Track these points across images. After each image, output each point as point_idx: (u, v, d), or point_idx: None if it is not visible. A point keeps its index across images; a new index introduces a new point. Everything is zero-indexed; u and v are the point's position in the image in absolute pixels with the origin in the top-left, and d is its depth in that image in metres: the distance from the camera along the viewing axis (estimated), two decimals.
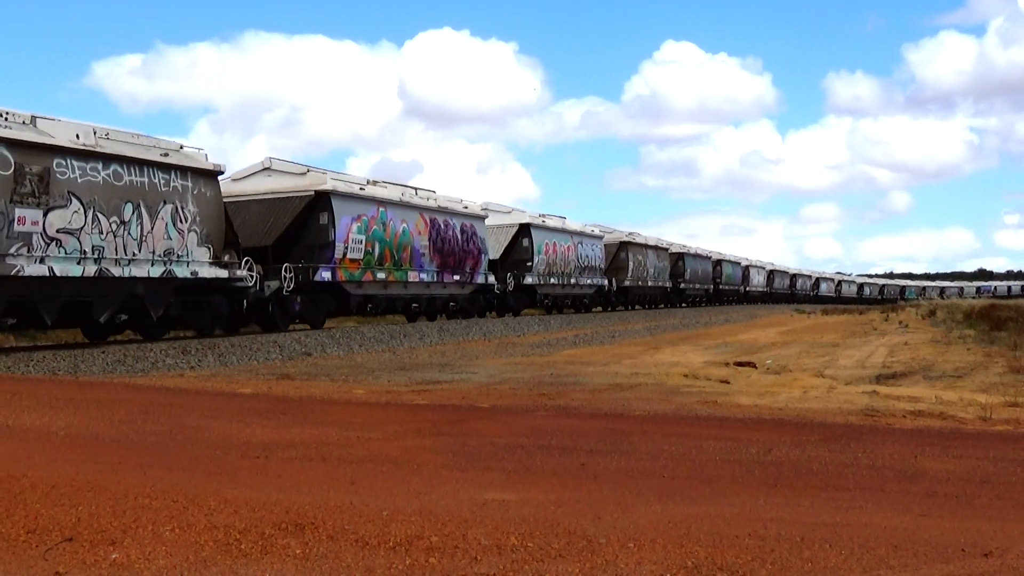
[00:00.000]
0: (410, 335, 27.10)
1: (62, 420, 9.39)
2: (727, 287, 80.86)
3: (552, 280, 45.59)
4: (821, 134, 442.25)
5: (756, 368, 19.00)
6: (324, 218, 29.10)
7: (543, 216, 45.93)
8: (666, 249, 64.77)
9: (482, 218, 39.74)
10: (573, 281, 48.30)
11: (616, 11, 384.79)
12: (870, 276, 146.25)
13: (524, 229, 43.38)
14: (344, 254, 29.67)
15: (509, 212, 43.72)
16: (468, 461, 8.03)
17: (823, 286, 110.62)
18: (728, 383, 15.69)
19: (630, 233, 58.32)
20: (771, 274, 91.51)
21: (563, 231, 47.46)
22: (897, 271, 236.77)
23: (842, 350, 25.25)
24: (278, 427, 9.76)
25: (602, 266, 52.95)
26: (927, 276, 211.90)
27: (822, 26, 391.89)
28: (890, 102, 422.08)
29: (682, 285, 67.25)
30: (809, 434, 10.04)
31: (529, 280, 43.11)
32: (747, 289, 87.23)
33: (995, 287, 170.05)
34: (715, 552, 5.06)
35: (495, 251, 41.77)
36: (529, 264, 43.17)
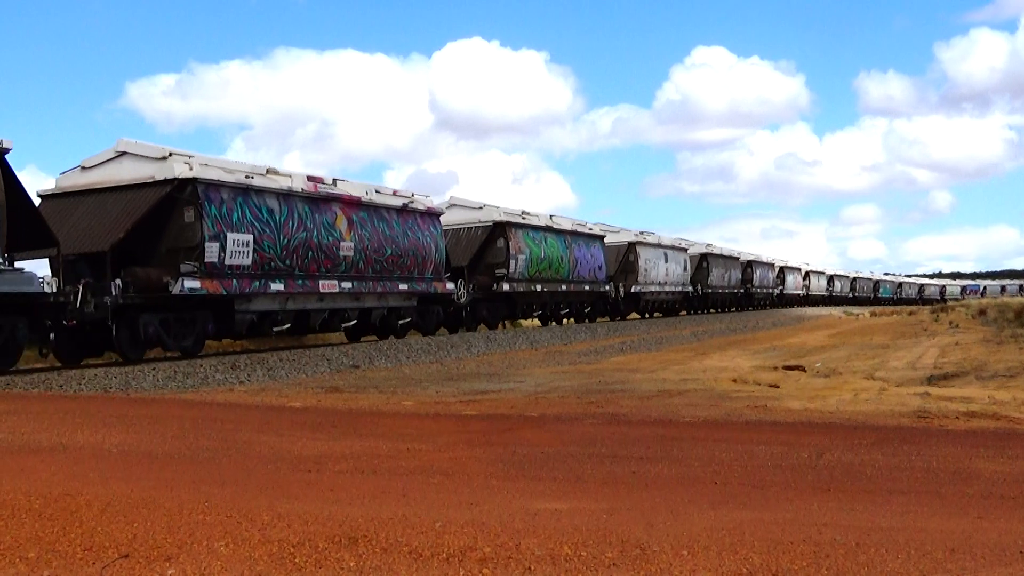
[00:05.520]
0: (457, 346, 27.14)
1: (115, 437, 9.49)
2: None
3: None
4: (857, 135, 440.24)
5: (805, 371, 18.87)
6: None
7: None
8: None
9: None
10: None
11: (646, 18, 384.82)
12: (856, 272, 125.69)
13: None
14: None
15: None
16: (519, 471, 8.02)
17: (789, 279, 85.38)
18: (777, 387, 15.59)
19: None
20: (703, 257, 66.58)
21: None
22: (944, 271, 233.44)
23: (892, 352, 25.02)
24: (328, 440, 9.80)
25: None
26: (939, 275, 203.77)
27: (851, 26, 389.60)
28: (924, 101, 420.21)
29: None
30: (861, 437, 9.95)
31: (505, 287, 36.05)
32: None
33: (984, 287, 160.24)
34: (770, 558, 5.02)
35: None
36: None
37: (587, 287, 43.82)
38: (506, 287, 36.11)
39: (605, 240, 46.85)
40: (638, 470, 8.08)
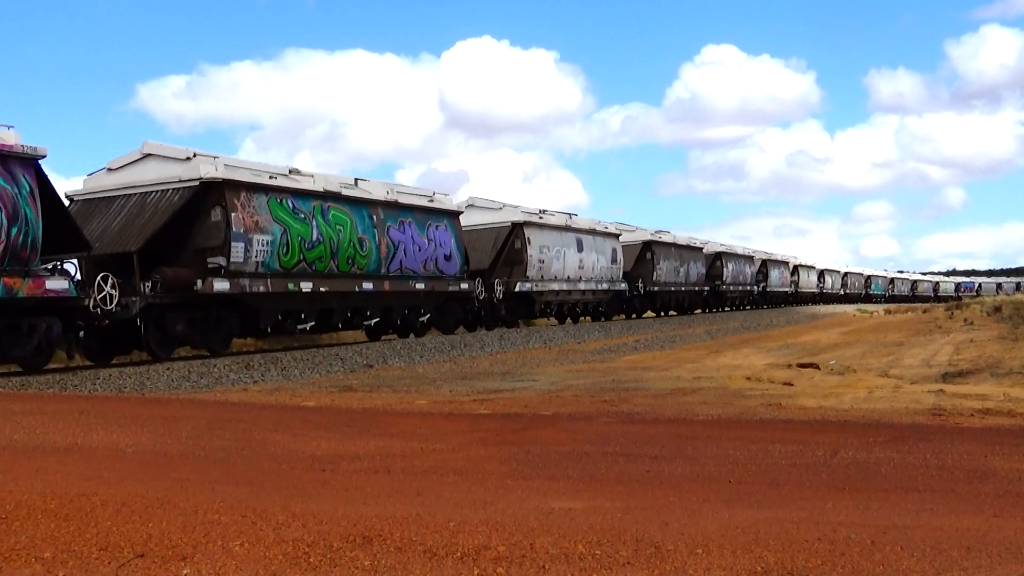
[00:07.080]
0: (471, 344, 27.13)
1: (130, 437, 9.50)
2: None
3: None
4: (868, 132, 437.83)
5: (819, 369, 18.82)
6: None
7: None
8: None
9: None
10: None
11: (655, 17, 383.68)
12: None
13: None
14: None
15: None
16: (533, 470, 8.02)
17: (773, 275, 73.02)
18: (792, 385, 15.55)
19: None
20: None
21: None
22: (959, 268, 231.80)
23: (907, 349, 24.94)
24: (342, 440, 9.81)
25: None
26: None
27: (861, 23, 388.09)
28: (935, 98, 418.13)
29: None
30: (876, 435, 9.92)
31: (222, 286, 21.80)
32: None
33: (979, 284, 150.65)
34: (785, 557, 5.01)
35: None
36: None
37: (420, 285, 29.54)
38: (223, 286, 21.97)
39: (463, 218, 33.15)
40: (652, 469, 8.08)
